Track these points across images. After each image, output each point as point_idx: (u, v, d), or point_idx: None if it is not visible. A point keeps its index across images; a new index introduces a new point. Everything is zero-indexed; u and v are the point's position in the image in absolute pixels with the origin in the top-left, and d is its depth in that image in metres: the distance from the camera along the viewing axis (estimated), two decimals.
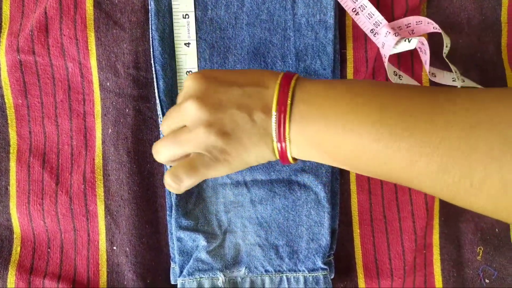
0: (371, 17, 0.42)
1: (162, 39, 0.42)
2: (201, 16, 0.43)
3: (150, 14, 0.41)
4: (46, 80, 0.43)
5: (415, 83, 0.44)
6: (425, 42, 0.41)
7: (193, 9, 0.42)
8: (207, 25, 0.43)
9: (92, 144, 0.43)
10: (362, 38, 0.44)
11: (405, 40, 0.40)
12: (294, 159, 0.33)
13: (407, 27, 0.42)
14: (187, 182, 0.33)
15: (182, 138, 0.33)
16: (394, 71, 0.43)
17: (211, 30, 0.43)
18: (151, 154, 0.43)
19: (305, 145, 0.31)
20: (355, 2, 0.42)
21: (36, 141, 0.43)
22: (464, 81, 0.43)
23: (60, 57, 0.42)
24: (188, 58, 0.43)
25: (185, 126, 0.33)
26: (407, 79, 0.44)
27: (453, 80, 0.43)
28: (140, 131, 0.43)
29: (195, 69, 0.43)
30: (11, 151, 0.43)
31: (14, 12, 0.43)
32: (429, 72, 0.43)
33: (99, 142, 0.43)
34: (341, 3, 0.42)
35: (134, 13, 0.42)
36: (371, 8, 0.41)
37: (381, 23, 0.41)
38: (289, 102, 0.30)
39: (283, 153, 0.32)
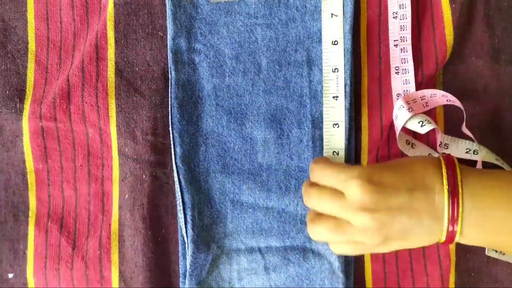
0: (406, 84, 0.43)
1: (180, 107, 0.42)
2: (219, 83, 0.43)
3: (170, 83, 0.42)
4: (67, 145, 0.44)
5: (430, 151, 0.44)
6: (440, 133, 0.43)
7: (211, 76, 0.43)
8: (224, 92, 0.43)
9: (109, 209, 0.44)
10: (377, 106, 0.44)
11: (419, 122, 0.41)
12: None
13: (422, 99, 0.42)
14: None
15: (349, 233, 0.36)
16: (407, 140, 0.43)
17: (228, 96, 0.43)
18: (166, 220, 0.43)
19: (475, 242, 0.36)
20: (402, 64, 0.43)
21: (54, 205, 0.44)
22: (477, 153, 0.43)
23: (81, 123, 0.43)
24: None
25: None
26: (421, 148, 0.44)
27: (466, 152, 0.43)
28: (156, 197, 0.43)
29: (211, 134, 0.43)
30: (30, 215, 0.44)
31: (38, 79, 0.44)
32: (439, 145, 0.43)
33: (115, 207, 0.43)
34: (391, 54, 0.43)
35: (154, 80, 0.43)
36: (411, 76, 0.43)
37: (407, 90, 0.42)
38: (460, 211, 0.33)
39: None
